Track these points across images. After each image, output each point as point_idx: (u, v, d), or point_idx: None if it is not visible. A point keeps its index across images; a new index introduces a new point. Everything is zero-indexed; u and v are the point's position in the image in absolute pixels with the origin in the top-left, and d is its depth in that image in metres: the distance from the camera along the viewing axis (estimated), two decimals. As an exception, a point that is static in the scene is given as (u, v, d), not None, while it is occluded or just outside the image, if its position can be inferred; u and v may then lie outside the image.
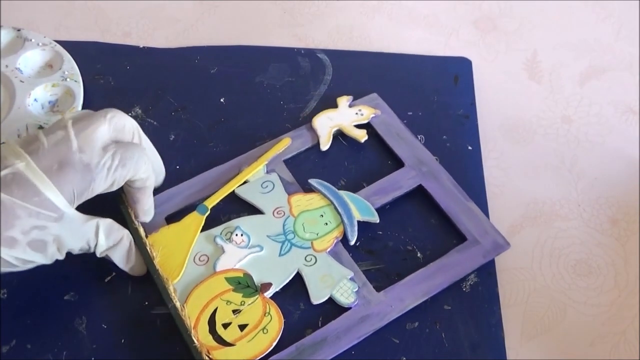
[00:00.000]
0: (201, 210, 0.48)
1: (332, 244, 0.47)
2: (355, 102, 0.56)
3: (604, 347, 0.47)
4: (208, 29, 0.62)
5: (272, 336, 0.44)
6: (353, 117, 0.55)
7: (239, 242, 0.47)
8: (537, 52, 0.62)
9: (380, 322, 0.45)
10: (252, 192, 0.50)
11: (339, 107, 0.55)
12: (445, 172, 0.52)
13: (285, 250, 0.47)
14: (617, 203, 0.53)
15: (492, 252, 0.48)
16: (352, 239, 0.48)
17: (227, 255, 0.47)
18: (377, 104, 0.56)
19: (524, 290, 0.49)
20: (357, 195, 0.50)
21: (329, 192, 0.50)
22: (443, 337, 0.45)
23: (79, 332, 0.44)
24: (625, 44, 0.63)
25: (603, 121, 0.58)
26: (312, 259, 0.47)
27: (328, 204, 0.49)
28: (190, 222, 0.48)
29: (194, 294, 0.45)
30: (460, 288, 0.47)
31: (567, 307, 0.48)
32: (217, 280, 0.45)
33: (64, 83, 0.54)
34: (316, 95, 0.58)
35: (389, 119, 0.55)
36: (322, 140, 0.53)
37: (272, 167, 0.51)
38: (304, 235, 0.48)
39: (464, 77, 0.60)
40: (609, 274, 0.50)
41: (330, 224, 0.48)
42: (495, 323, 0.46)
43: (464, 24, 0.65)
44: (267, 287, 0.45)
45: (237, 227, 0.48)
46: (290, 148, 0.53)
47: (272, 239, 0.48)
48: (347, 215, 0.49)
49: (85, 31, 0.61)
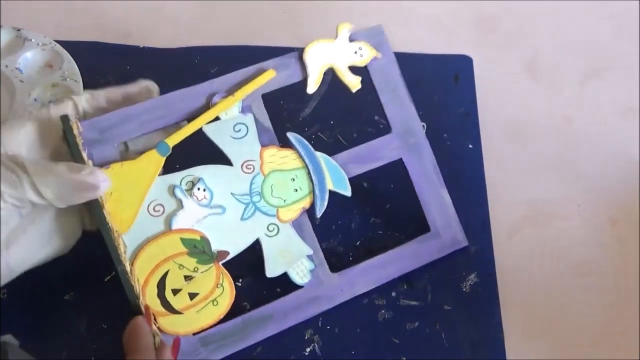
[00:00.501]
0: (162, 150, 0.43)
1: (297, 215, 0.45)
2: (357, 35, 0.48)
3: (604, 347, 0.47)
4: (208, 29, 0.62)
5: (222, 310, 0.43)
6: (351, 56, 0.48)
7: (200, 198, 0.43)
8: (537, 52, 0.62)
9: (328, 305, 0.45)
10: (222, 134, 0.45)
11: (338, 37, 0.48)
12: (429, 149, 0.49)
13: (248, 214, 0.44)
14: (617, 203, 0.53)
15: (449, 248, 0.48)
16: (319, 213, 0.46)
17: (185, 211, 0.43)
18: (380, 42, 0.49)
19: (524, 290, 0.49)
20: (334, 161, 0.47)
21: (306, 154, 0.46)
22: (443, 337, 0.46)
23: (79, 332, 0.44)
24: (625, 44, 0.63)
25: (603, 121, 0.58)
26: (274, 229, 0.45)
27: (302, 167, 0.46)
28: (148, 163, 0.42)
29: (145, 252, 0.42)
30: (460, 288, 0.47)
31: (567, 307, 0.48)
32: (172, 240, 0.42)
33: (64, 83, 0.54)
34: (316, 95, 0.57)
35: (389, 67, 0.49)
36: (311, 81, 0.47)
37: (249, 102, 0.46)
38: (271, 200, 0.45)
39: (465, 75, 0.60)
40: (609, 274, 0.50)
41: (300, 191, 0.45)
42: (495, 323, 0.46)
43: (464, 24, 0.65)
44: (224, 255, 0.43)
45: (200, 180, 0.43)
46: (273, 80, 0.46)
47: (237, 198, 0.44)
48: (320, 187, 0.45)
49: (85, 31, 0.61)
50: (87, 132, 0.42)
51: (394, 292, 0.47)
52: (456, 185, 0.51)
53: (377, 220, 0.50)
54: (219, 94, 0.45)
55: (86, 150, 0.42)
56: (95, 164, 0.42)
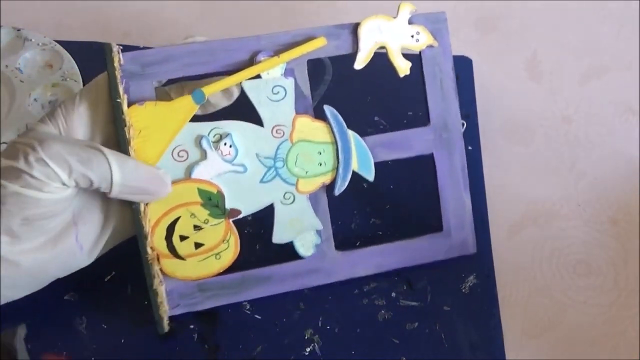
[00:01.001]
0: (197, 98, 0.42)
1: (316, 188, 0.45)
2: (417, 18, 0.47)
3: (604, 347, 0.47)
4: (208, 29, 0.62)
5: (223, 264, 0.44)
6: (407, 39, 0.46)
7: (225, 152, 0.43)
8: (537, 52, 0.62)
9: (326, 279, 0.46)
10: (260, 92, 0.44)
11: (398, 16, 0.46)
12: (461, 148, 0.48)
13: (268, 177, 0.44)
14: (617, 203, 0.53)
15: (456, 251, 0.48)
16: (338, 192, 0.45)
17: (207, 163, 0.43)
18: (439, 30, 0.47)
19: (524, 290, 0.49)
20: (364, 142, 0.46)
21: (338, 130, 0.45)
22: (443, 337, 0.46)
23: (79, 332, 0.44)
24: (625, 44, 0.63)
25: (603, 121, 0.58)
26: (291, 197, 0.45)
27: (331, 142, 0.45)
28: (181, 107, 0.42)
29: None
30: (459, 289, 0.47)
31: (567, 307, 0.48)
32: (189, 189, 0.43)
33: (64, 83, 0.54)
34: (316, 95, 0.57)
35: (442, 59, 0.47)
36: (360, 56, 0.46)
37: (292, 66, 0.45)
38: (293, 169, 0.44)
39: (464, 76, 0.59)
40: (609, 274, 0.50)
41: (324, 165, 0.45)
42: (495, 323, 0.46)
43: (463, 24, 0.65)
44: (235, 213, 0.44)
45: (228, 135, 0.43)
46: (321, 48, 0.45)
47: (260, 160, 0.44)
48: (344, 166, 0.45)
49: (85, 31, 0.61)
50: (129, 64, 0.42)
51: (394, 292, 0.47)
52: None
53: (377, 220, 0.50)
54: (265, 52, 0.44)
55: (123, 83, 0.42)
56: (130, 99, 0.42)
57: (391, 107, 0.56)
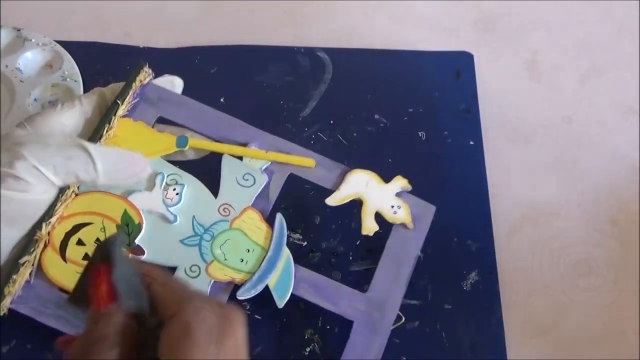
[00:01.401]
0: (180, 142, 0.45)
1: (224, 280, 0.43)
2: (406, 196, 0.47)
3: (604, 347, 0.47)
4: (208, 29, 0.62)
5: None
6: (385, 207, 0.46)
7: (169, 196, 0.44)
8: (537, 52, 0.62)
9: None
10: (233, 170, 0.46)
11: (389, 184, 0.47)
12: (383, 340, 0.43)
13: (190, 242, 0.44)
14: (617, 203, 0.53)
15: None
16: (241, 296, 0.43)
17: (148, 195, 0.44)
18: (422, 218, 0.46)
19: (524, 290, 0.49)
20: (294, 270, 0.44)
21: (276, 241, 0.44)
22: (443, 336, 0.45)
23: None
24: (625, 44, 0.63)
25: (603, 121, 0.58)
26: (197, 272, 0.43)
27: (264, 249, 0.44)
28: (162, 141, 0.45)
29: (91, 195, 0.43)
30: (460, 287, 0.47)
31: (567, 307, 0.48)
32: (118, 205, 0.43)
33: (64, 83, 0.54)
34: (316, 95, 0.58)
35: (411, 244, 0.46)
36: (336, 195, 0.46)
37: (274, 169, 0.47)
38: (216, 249, 0.44)
39: (466, 72, 0.59)
40: (609, 274, 0.50)
41: (244, 264, 0.43)
42: (496, 322, 0.46)
43: (464, 24, 0.65)
44: (139, 252, 0.43)
45: (182, 185, 0.45)
46: (308, 170, 0.47)
47: (193, 223, 0.44)
48: (260, 275, 0.43)
49: (85, 31, 0.61)
50: (149, 89, 0.48)
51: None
52: (457, 182, 0.51)
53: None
54: (258, 143, 0.47)
55: (134, 96, 0.46)
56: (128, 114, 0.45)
57: (391, 105, 0.56)
